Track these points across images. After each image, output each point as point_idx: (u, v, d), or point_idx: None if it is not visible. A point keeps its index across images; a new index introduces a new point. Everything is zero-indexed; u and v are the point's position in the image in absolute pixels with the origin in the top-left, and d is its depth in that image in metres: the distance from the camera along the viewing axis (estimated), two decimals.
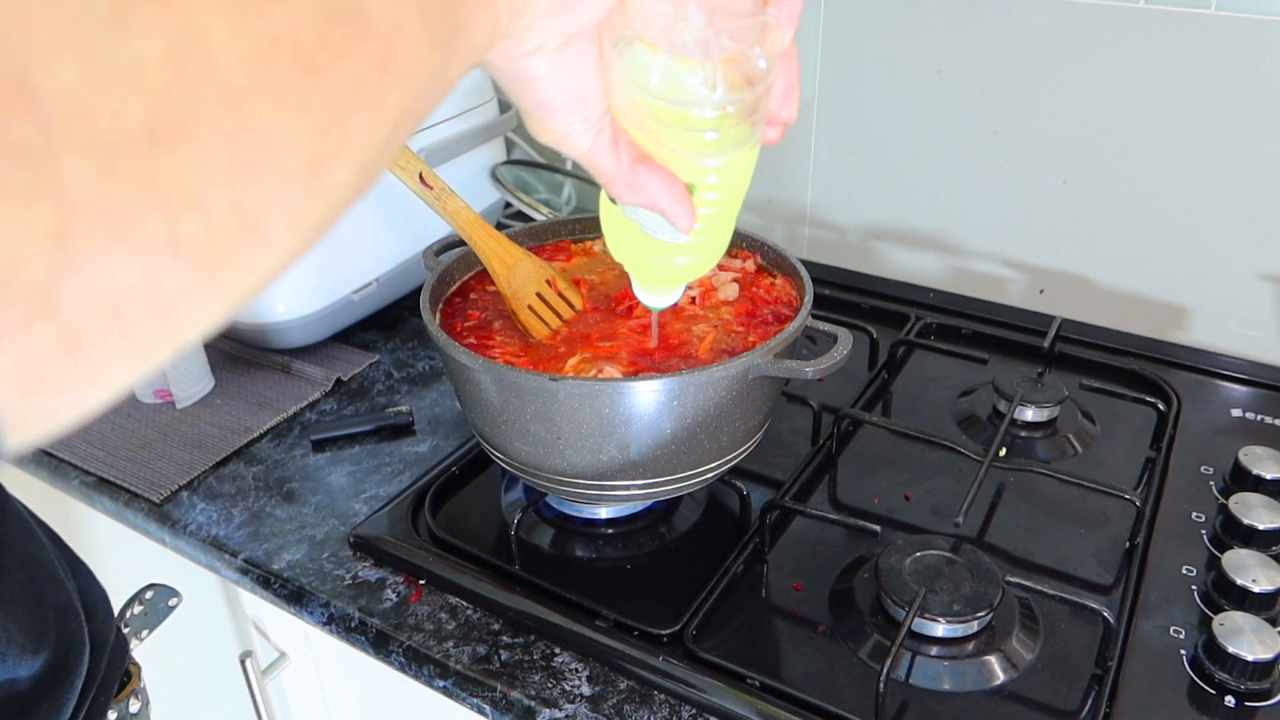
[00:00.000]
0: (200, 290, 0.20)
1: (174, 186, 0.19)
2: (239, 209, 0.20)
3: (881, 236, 1.07)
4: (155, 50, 0.18)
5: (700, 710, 0.59)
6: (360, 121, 0.23)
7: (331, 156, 0.22)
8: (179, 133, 0.18)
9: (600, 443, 0.62)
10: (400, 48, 0.24)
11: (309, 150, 0.22)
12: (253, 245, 0.21)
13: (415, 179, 0.69)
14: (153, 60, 0.18)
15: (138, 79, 0.18)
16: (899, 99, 1.00)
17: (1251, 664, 0.58)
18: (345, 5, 0.22)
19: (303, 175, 0.21)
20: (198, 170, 0.19)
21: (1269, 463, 0.74)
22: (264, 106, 0.20)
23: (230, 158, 0.19)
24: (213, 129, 0.19)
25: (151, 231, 0.18)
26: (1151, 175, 0.91)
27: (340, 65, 0.22)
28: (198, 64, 0.19)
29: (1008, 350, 0.94)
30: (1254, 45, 0.82)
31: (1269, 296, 0.90)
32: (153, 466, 0.82)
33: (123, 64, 0.18)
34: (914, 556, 0.65)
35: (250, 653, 0.79)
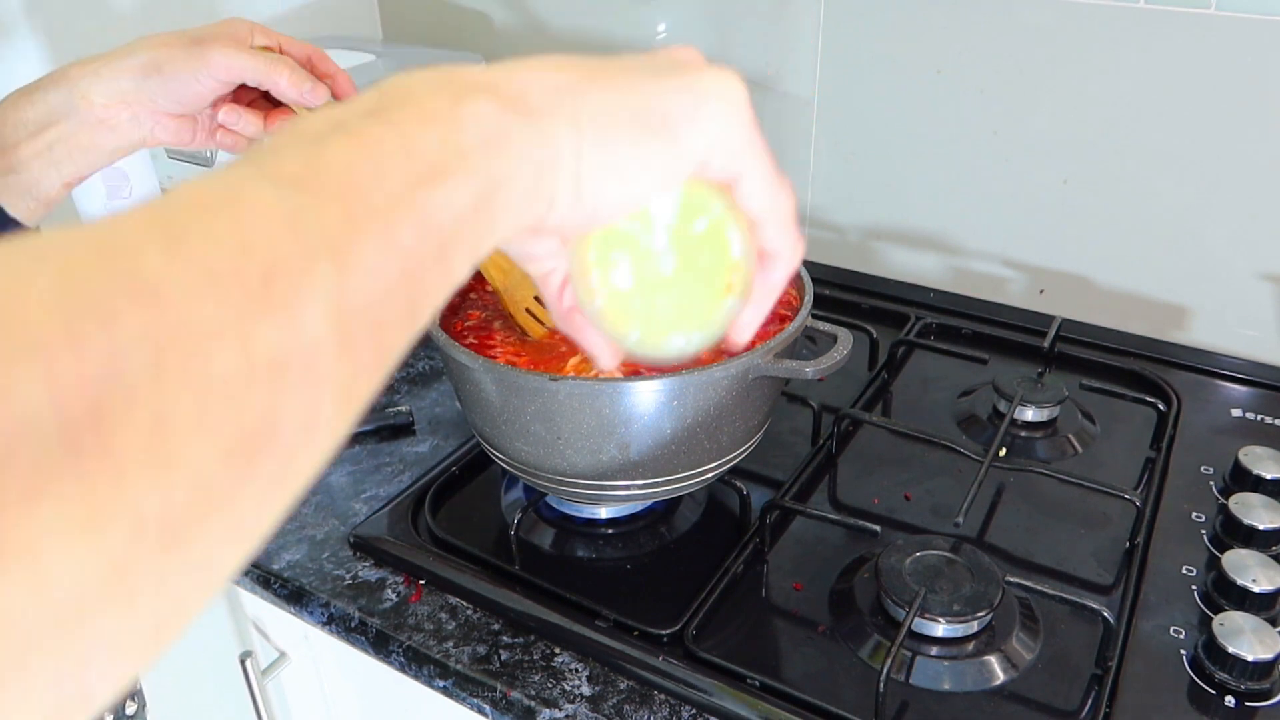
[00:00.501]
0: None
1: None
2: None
3: (881, 236, 1.07)
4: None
5: (700, 710, 0.59)
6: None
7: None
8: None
9: (600, 443, 0.62)
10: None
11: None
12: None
13: None
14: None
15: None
16: (899, 99, 1.00)
17: (1251, 664, 0.58)
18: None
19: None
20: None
21: (1269, 463, 0.74)
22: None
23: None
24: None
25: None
26: (1151, 175, 0.90)
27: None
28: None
29: (1008, 350, 0.94)
30: (1254, 45, 0.82)
31: (1269, 296, 0.90)
32: None
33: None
34: (914, 556, 0.65)
35: (250, 653, 0.79)
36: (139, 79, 0.56)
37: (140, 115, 0.57)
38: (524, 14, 1.19)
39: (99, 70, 0.57)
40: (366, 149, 0.26)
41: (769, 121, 1.08)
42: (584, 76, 0.32)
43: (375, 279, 0.25)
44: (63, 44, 0.97)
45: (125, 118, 0.57)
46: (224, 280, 0.21)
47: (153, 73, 0.56)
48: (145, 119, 0.57)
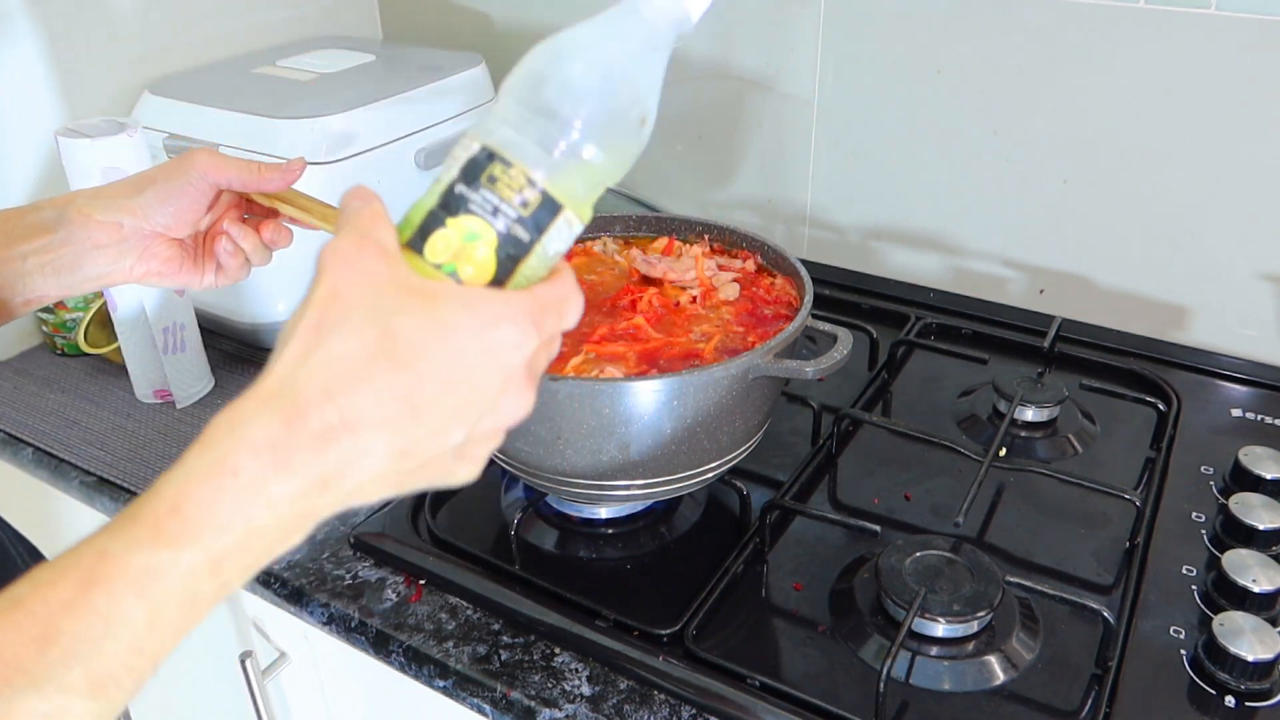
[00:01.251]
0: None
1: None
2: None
3: (881, 236, 1.07)
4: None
5: (700, 710, 0.59)
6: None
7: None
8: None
9: (600, 443, 0.62)
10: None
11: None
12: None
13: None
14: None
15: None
16: (899, 99, 1.00)
17: (1251, 664, 0.58)
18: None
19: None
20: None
21: (1269, 463, 0.74)
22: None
23: None
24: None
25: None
26: (1151, 175, 0.90)
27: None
28: None
29: (1008, 350, 0.94)
30: (1254, 45, 0.82)
31: (1269, 296, 0.90)
32: (153, 466, 0.81)
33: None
34: (914, 556, 0.65)
35: (250, 653, 0.79)
36: (134, 193, 0.57)
37: (130, 241, 0.57)
38: (524, 14, 1.19)
39: (99, 190, 0.57)
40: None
41: (769, 121, 1.08)
42: (396, 476, 0.36)
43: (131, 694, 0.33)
44: (63, 44, 0.97)
45: (115, 241, 0.56)
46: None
47: (146, 185, 0.57)
48: (134, 245, 0.57)
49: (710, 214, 1.09)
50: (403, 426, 0.34)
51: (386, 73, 1.04)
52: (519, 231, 0.38)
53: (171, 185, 0.57)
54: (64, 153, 0.77)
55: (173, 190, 0.57)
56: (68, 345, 0.97)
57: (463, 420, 0.36)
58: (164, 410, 0.89)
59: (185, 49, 1.08)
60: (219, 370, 0.93)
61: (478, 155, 0.39)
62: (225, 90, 0.98)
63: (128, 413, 0.89)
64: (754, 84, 1.07)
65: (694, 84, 1.11)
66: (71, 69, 0.98)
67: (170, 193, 0.57)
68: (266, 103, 0.93)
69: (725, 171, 1.14)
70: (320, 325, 0.34)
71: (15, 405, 0.91)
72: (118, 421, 0.88)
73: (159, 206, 0.57)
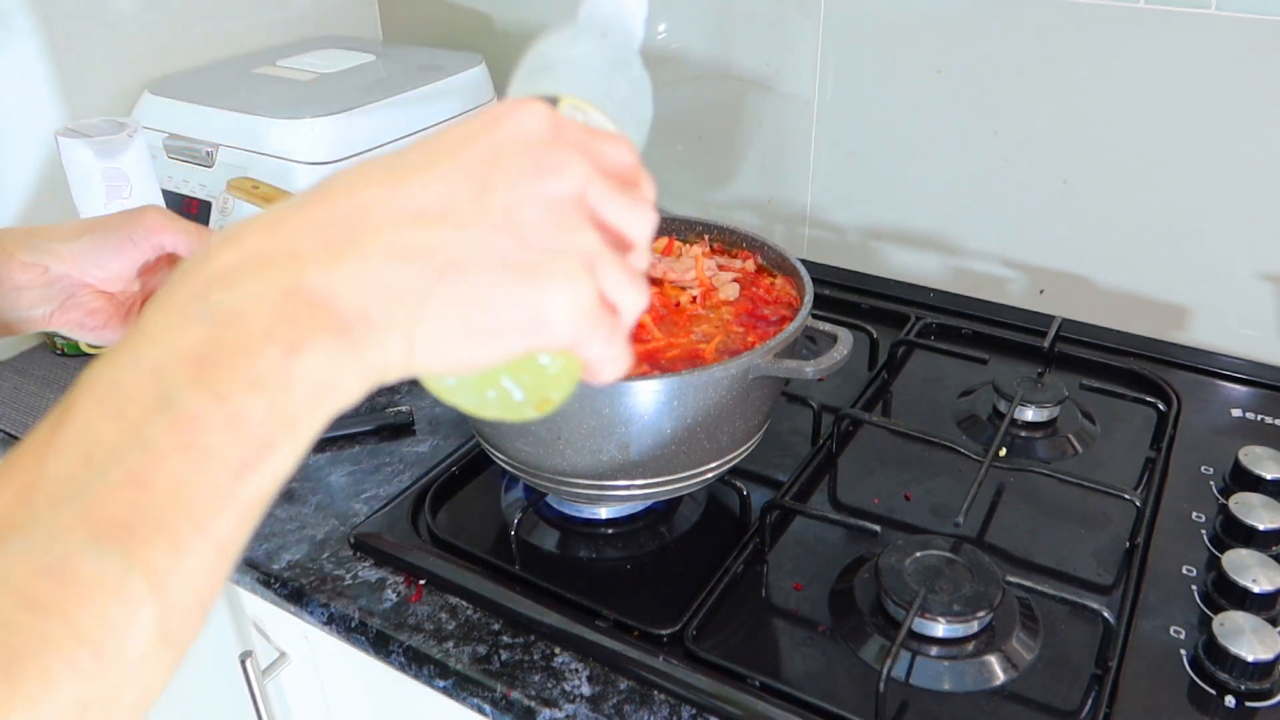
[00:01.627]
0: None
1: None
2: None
3: (881, 236, 1.07)
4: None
5: (700, 710, 0.59)
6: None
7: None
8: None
9: (600, 443, 0.62)
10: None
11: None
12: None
13: None
14: None
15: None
16: (899, 99, 1.00)
17: (1251, 664, 0.58)
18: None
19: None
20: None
21: (1269, 463, 0.74)
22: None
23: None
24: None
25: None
26: (1151, 175, 0.90)
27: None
28: None
29: (1008, 350, 0.94)
30: (1254, 45, 0.82)
31: (1269, 296, 0.90)
32: None
33: None
34: (914, 556, 0.65)
35: (250, 653, 0.79)
36: (69, 238, 0.54)
37: (55, 287, 0.53)
38: (524, 14, 1.19)
39: (34, 229, 0.54)
40: (192, 450, 0.26)
41: (769, 121, 1.08)
42: (432, 279, 0.30)
43: (197, 581, 0.27)
44: (63, 44, 0.97)
45: (38, 285, 0.53)
46: (60, 681, 0.24)
47: (83, 233, 0.54)
48: (59, 292, 0.53)
49: (710, 214, 1.09)
50: (391, 178, 0.31)
51: (386, 73, 1.04)
52: None
53: (111, 236, 0.54)
54: (64, 153, 0.77)
55: (111, 242, 0.54)
56: (68, 345, 0.97)
57: (475, 176, 0.31)
58: None
59: (185, 49, 1.08)
60: None
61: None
62: (225, 90, 0.98)
63: None
64: (754, 84, 1.07)
65: (694, 84, 1.11)
66: (71, 69, 0.98)
67: (108, 244, 0.54)
68: (266, 103, 0.93)
69: (725, 171, 1.14)
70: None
71: (15, 405, 0.91)
72: None
73: (92, 256, 0.54)
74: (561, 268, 0.31)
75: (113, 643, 0.25)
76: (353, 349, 0.29)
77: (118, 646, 0.25)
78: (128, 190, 0.79)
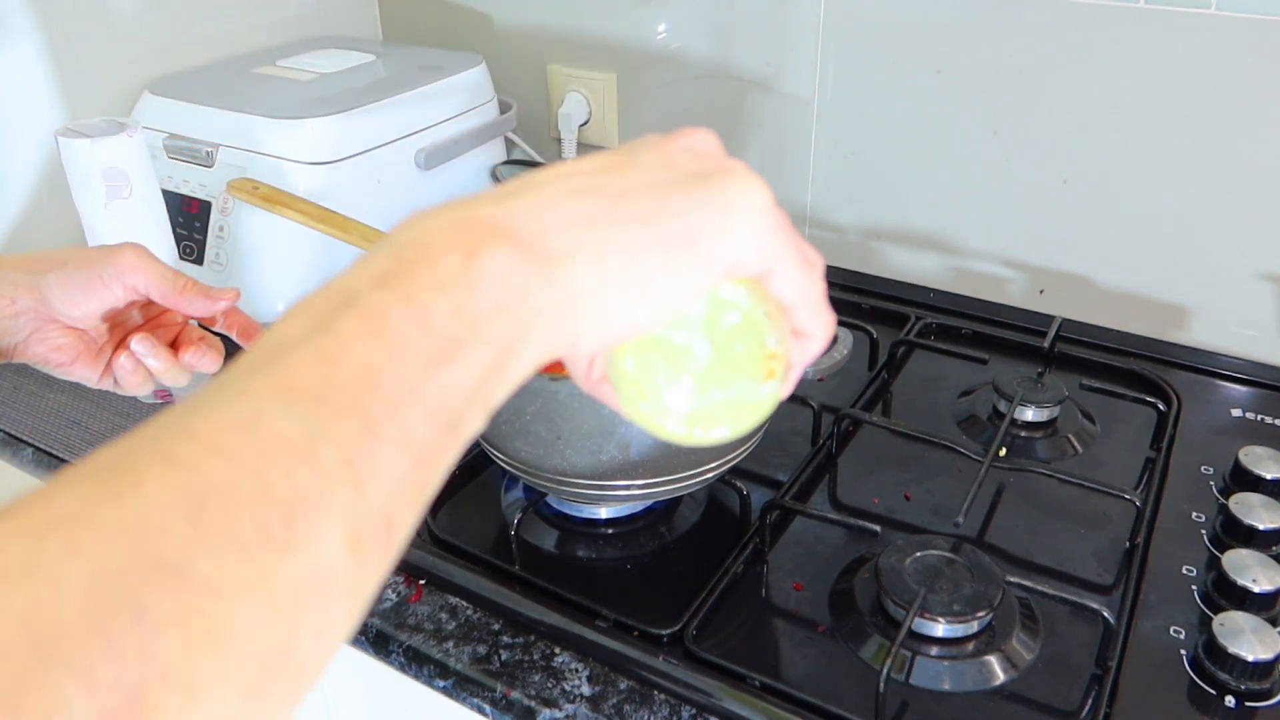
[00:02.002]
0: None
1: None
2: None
3: (881, 236, 1.07)
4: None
5: (700, 710, 0.59)
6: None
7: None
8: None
9: (600, 443, 0.62)
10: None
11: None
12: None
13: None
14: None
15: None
16: (899, 99, 1.00)
17: (1251, 664, 0.58)
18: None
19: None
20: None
21: (1269, 463, 0.74)
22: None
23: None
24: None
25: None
26: (1151, 175, 0.90)
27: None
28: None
29: (1008, 350, 0.94)
30: (1254, 45, 0.82)
31: (1269, 296, 0.90)
32: None
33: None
34: (914, 556, 0.65)
35: None
36: (38, 271, 0.51)
37: (21, 320, 0.51)
38: (524, 14, 1.19)
39: (3, 259, 0.52)
40: (381, 337, 0.26)
41: (769, 121, 1.08)
42: (608, 204, 0.31)
43: (389, 483, 0.25)
44: (63, 44, 0.97)
45: (5, 317, 0.51)
46: (248, 541, 0.22)
47: (56, 266, 0.52)
48: (26, 324, 0.52)
49: None
50: (578, 167, 0.32)
51: (386, 73, 1.04)
52: None
53: (81, 274, 0.52)
54: (64, 153, 0.77)
55: (80, 279, 0.52)
56: None
57: (645, 147, 0.33)
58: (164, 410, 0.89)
59: (185, 49, 1.08)
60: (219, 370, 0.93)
61: None
62: (225, 90, 0.98)
63: (128, 413, 0.89)
64: (754, 84, 1.07)
65: (694, 84, 1.11)
66: (71, 69, 0.98)
67: (76, 281, 0.52)
68: (266, 103, 0.93)
69: None
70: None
71: (15, 405, 0.91)
72: (118, 421, 0.88)
73: (59, 292, 0.52)
74: (736, 173, 0.32)
75: (302, 515, 0.23)
76: (535, 263, 0.29)
77: (307, 523, 0.23)
78: (128, 190, 0.79)
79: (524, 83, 1.22)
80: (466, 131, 1.04)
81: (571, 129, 1.20)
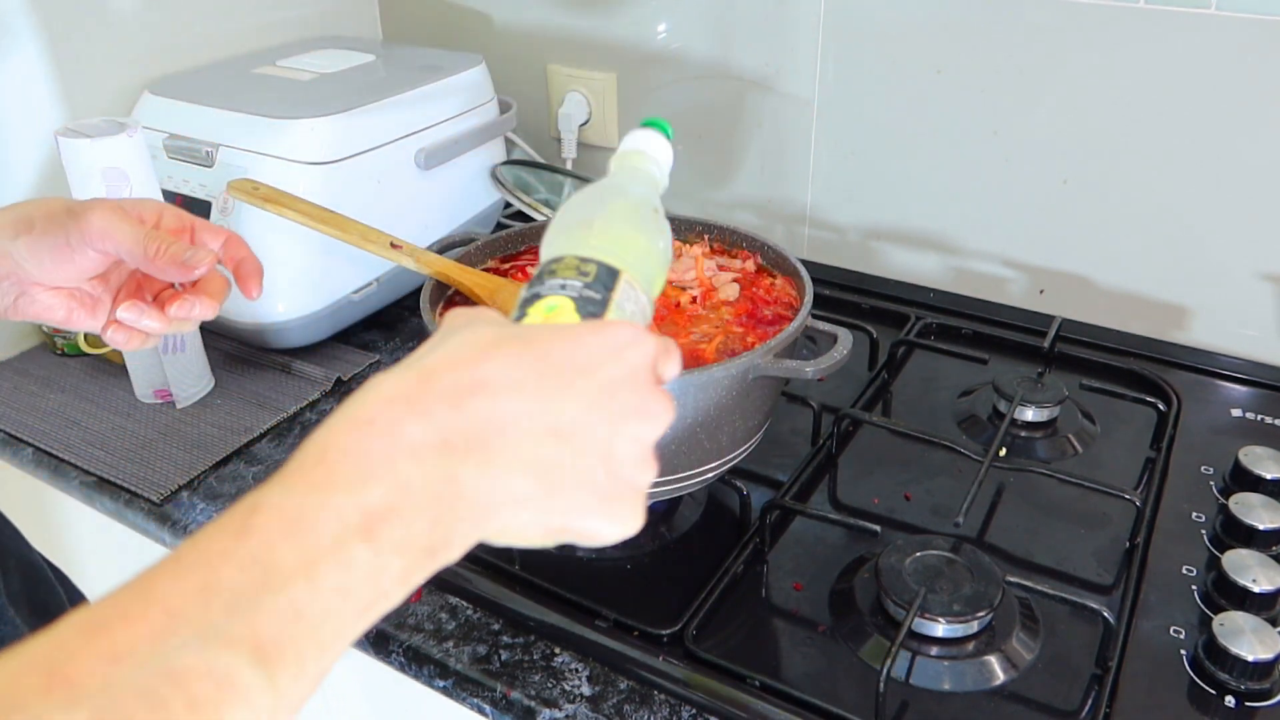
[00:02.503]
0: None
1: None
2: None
3: (881, 236, 1.07)
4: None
5: (700, 710, 0.59)
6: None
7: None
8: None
9: None
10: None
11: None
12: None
13: (386, 248, 0.70)
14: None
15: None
16: (899, 99, 1.00)
17: (1251, 664, 0.58)
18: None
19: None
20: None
21: (1269, 463, 0.74)
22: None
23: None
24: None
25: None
26: (1151, 175, 0.90)
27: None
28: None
29: (1008, 350, 0.94)
30: (1254, 45, 0.82)
31: (1269, 296, 0.90)
32: (153, 466, 0.81)
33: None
34: (914, 556, 0.65)
35: None
36: (6, 237, 0.49)
37: (3, 285, 0.50)
38: (524, 14, 1.19)
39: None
40: (342, 589, 0.30)
41: (769, 121, 1.08)
42: (543, 491, 0.34)
43: (297, 703, 0.30)
44: (63, 44, 0.97)
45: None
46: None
47: (23, 231, 0.50)
48: (8, 290, 0.50)
49: (710, 214, 1.09)
50: (535, 393, 0.34)
51: (386, 73, 1.04)
52: (590, 293, 0.42)
53: (49, 240, 0.50)
54: (64, 153, 0.77)
55: (48, 245, 0.50)
56: (68, 345, 0.97)
57: (601, 407, 0.35)
58: (164, 410, 0.89)
59: (185, 49, 1.08)
60: (219, 370, 0.93)
61: (540, 270, 0.44)
62: (225, 90, 0.98)
63: (128, 413, 0.89)
64: (754, 84, 1.07)
65: (694, 84, 1.11)
66: (71, 69, 0.98)
67: (45, 247, 0.50)
68: (266, 103, 0.93)
69: (725, 171, 1.14)
70: (446, 330, 0.36)
71: (15, 405, 0.91)
72: (118, 422, 0.88)
73: (30, 259, 0.50)
74: (631, 503, 0.37)
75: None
76: (470, 530, 0.33)
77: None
78: (128, 190, 0.79)
79: (524, 83, 1.22)
80: (466, 131, 1.04)
81: (571, 129, 1.20)
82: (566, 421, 0.34)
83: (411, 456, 0.32)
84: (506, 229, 0.81)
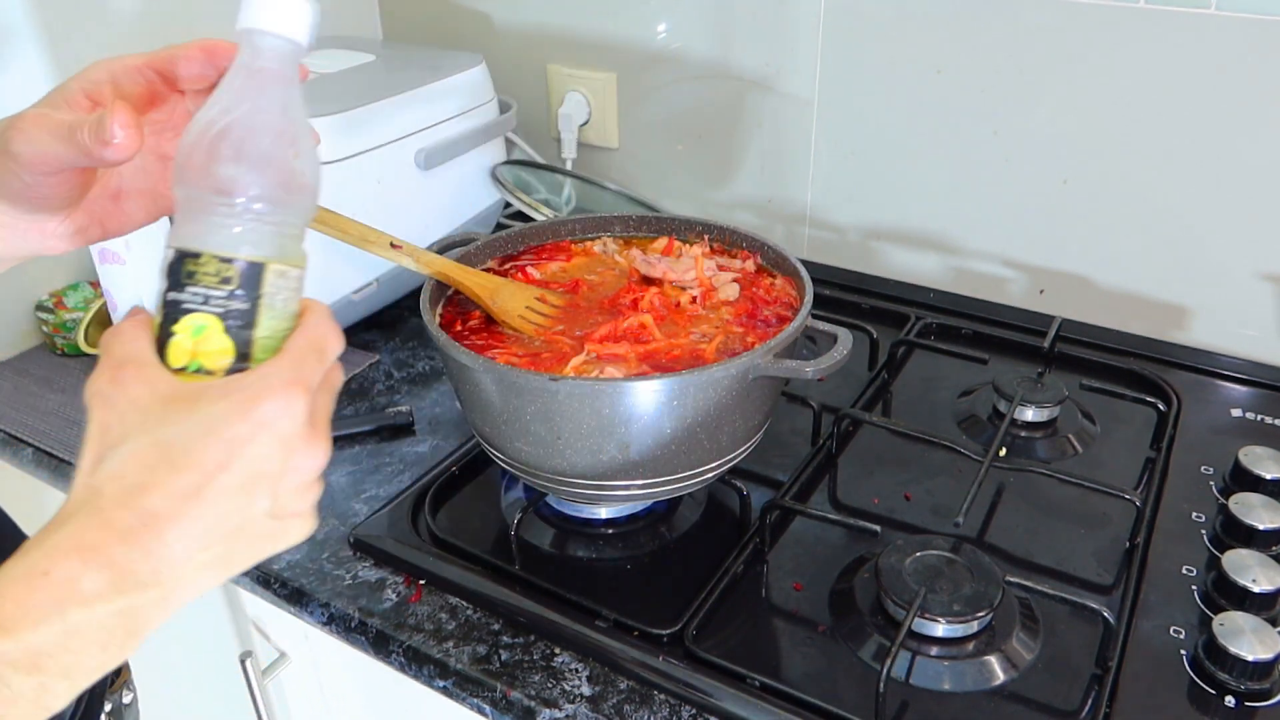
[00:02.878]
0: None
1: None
2: None
3: (881, 236, 1.07)
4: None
5: (700, 710, 0.59)
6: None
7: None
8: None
9: (600, 443, 0.62)
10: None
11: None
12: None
13: (386, 248, 0.70)
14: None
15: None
16: (899, 99, 1.00)
17: (1251, 664, 0.58)
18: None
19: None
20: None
21: (1269, 463, 0.74)
22: None
23: None
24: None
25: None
26: (1151, 175, 0.90)
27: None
28: None
29: (1008, 350, 0.94)
30: (1254, 45, 0.82)
31: (1269, 296, 0.90)
32: None
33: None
34: (914, 556, 0.65)
35: (250, 653, 0.79)
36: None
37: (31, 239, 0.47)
38: (524, 14, 1.19)
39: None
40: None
41: (769, 121, 1.08)
42: (223, 567, 0.38)
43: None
44: (63, 44, 0.97)
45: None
46: None
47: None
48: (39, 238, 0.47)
49: (710, 214, 1.09)
50: (197, 515, 0.36)
51: (386, 73, 1.04)
52: (236, 304, 0.40)
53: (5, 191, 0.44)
54: None
55: (8, 198, 0.44)
56: (68, 345, 0.97)
57: (257, 492, 0.38)
58: None
59: None
60: None
61: (172, 260, 0.40)
62: None
63: None
64: (754, 84, 1.07)
65: (694, 84, 1.11)
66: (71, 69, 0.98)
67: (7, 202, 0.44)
68: None
69: (725, 171, 1.14)
70: (99, 459, 0.37)
71: (15, 405, 0.91)
72: None
73: (15, 221, 0.45)
74: (300, 525, 0.41)
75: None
76: (148, 629, 0.37)
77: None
78: None
79: (524, 83, 1.22)
80: (466, 131, 1.04)
81: (571, 129, 1.20)
82: (235, 521, 0.37)
83: (83, 606, 0.34)
84: (506, 229, 0.81)
